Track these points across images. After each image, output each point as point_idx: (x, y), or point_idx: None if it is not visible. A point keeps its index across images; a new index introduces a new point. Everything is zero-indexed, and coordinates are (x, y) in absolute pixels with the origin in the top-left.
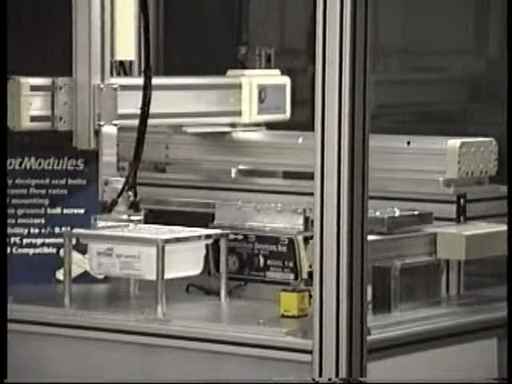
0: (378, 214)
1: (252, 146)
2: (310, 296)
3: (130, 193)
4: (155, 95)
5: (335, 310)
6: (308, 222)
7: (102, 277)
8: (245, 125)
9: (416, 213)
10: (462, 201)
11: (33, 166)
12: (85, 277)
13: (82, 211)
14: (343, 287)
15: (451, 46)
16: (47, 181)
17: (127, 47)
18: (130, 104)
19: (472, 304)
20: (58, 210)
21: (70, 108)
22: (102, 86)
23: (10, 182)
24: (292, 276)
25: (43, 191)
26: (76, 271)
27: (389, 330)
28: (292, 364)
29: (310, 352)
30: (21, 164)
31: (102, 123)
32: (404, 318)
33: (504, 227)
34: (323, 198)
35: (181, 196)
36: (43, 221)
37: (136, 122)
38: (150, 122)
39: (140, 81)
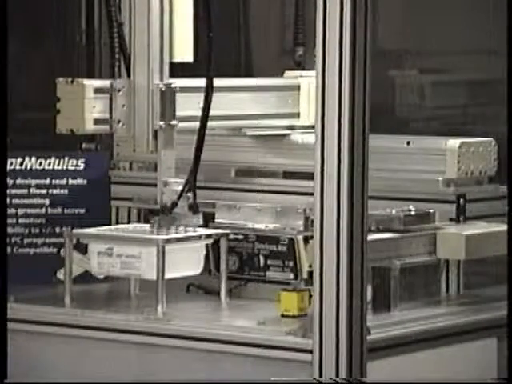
0: (394, 212)
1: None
2: (310, 296)
3: (189, 194)
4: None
5: (335, 310)
6: (308, 222)
7: (102, 277)
8: (303, 127)
9: (432, 211)
10: (461, 201)
11: (33, 165)
12: (85, 277)
13: (82, 211)
14: (343, 287)
15: (451, 47)
16: (48, 181)
17: (185, 49)
18: (188, 106)
19: (472, 304)
20: (58, 210)
21: (128, 110)
22: (161, 86)
23: (10, 181)
24: (292, 276)
25: (44, 191)
26: (76, 271)
27: (389, 330)
28: (292, 363)
29: (310, 351)
30: (21, 164)
31: (160, 124)
32: (404, 317)
33: (504, 227)
34: (323, 198)
35: None
36: (44, 221)
37: (194, 124)
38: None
39: (197, 82)
